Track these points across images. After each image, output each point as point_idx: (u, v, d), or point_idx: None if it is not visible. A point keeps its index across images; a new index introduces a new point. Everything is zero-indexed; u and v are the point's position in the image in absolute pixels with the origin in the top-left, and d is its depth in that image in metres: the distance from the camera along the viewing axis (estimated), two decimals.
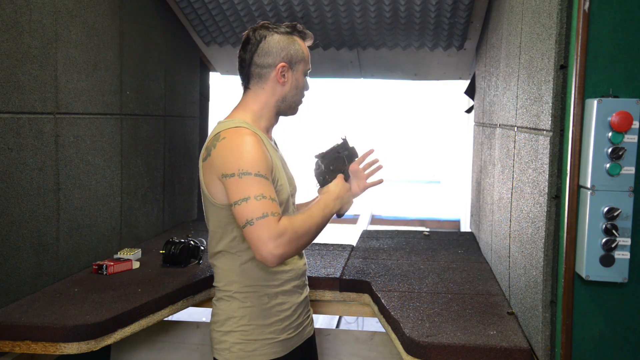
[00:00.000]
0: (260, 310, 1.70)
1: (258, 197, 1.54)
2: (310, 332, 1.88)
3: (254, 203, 1.53)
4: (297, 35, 1.74)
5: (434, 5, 2.90)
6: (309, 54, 1.78)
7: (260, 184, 1.56)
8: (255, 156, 1.58)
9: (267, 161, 1.61)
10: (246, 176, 1.56)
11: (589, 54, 1.44)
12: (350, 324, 5.26)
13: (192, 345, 2.71)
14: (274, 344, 1.71)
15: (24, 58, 2.00)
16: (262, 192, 1.55)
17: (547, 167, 1.56)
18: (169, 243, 2.47)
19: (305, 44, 1.77)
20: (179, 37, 3.30)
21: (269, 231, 1.51)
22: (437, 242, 3.06)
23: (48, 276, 2.17)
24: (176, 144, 3.28)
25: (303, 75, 1.77)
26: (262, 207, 1.53)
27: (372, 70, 3.70)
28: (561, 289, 1.52)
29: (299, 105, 1.80)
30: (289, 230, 1.54)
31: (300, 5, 3.01)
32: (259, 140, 1.63)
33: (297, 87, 1.75)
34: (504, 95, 2.31)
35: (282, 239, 1.52)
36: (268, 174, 1.60)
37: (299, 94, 1.77)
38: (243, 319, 1.70)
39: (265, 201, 1.54)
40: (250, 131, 1.65)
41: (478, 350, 1.68)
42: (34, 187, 2.07)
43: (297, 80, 1.74)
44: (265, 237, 1.51)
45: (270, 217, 1.53)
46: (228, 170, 1.58)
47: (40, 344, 1.78)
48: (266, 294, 1.71)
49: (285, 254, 1.54)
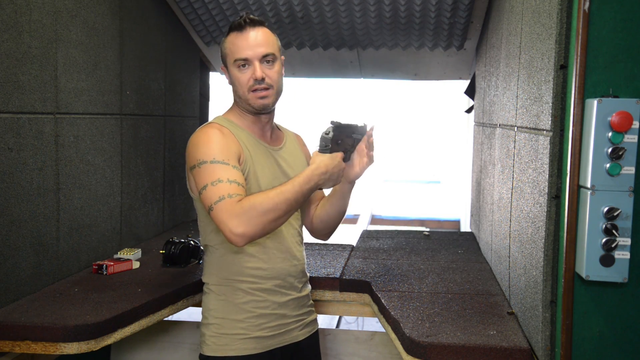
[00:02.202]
0: (234, 305, 1.72)
1: (214, 183, 1.57)
2: (299, 337, 1.83)
3: (211, 189, 1.56)
4: (231, 32, 1.73)
5: (434, 5, 2.90)
6: (239, 44, 1.69)
7: (217, 169, 1.59)
8: (212, 144, 1.63)
9: (228, 149, 1.64)
10: (204, 165, 1.61)
11: (589, 54, 1.44)
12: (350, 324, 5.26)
13: (192, 345, 2.71)
14: (245, 340, 1.71)
15: (24, 58, 2.00)
16: (218, 176, 1.57)
17: (547, 167, 1.56)
18: (169, 243, 2.47)
19: (247, 31, 1.69)
20: (179, 37, 3.30)
21: (226, 212, 1.52)
22: (437, 242, 3.06)
23: (48, 276, 2.16)
24: (176, 144, 3.28)
25: (235, 68, 1.71)
26: (218, 191, 1.55)
27: (372, 70, 3.70)
28: (561, 289, 1.52)
29: (250, 100, 1.71)
30: (247, 208, 1.52)
31: (300, 5, 3.01)
32: (224, 132, 1.68)
33: (236, 81, 1.72)
34: (504, 95, 2.31)
35: (242, 218, 1.52)
36: (229, 160, 1.62)
37: (240, 88, 1.72)
38: (217, 312, 1.73)
39: (222, 185, 1.56)
40: (217, 125, 1.70)
41: (478, 350, 1.68)
42: (34, 187, 2.07)
43: (233, 76, 1.73)
44: (224, 218, 1.53)
45: (227, 199, 1.54)
46: (190, 163, 1.65)
47: (40, 344, 1.78)
48: (240, 289, 1.72)
49: (247, 232, 1.52)
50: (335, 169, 1.67)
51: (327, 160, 1.67)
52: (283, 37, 3.34)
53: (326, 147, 1.69)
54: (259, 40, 1.69)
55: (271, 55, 1.70)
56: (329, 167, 1.66)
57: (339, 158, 1.69)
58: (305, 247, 2.83)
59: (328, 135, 1.70)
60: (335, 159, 1.68)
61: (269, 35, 1.73)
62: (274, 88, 1.72)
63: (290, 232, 1.81)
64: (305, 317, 1.87)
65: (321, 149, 1.70)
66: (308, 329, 1.88)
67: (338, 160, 1.68)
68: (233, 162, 1.63)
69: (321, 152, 1.69)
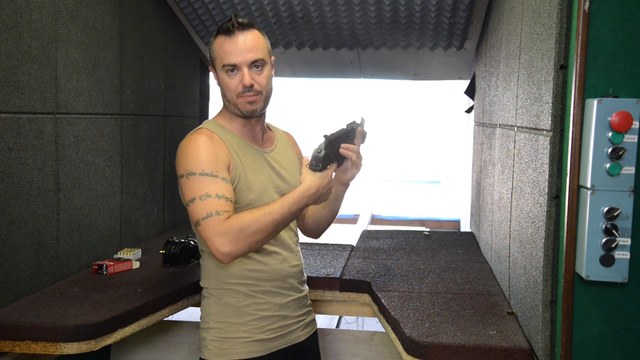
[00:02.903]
0: (235, 308, 1.71)
1: (203, 197, 1.56)
2: (300, 337, 1.83)
3: (199, 204, 1.55)
4: (219, 35, 1.68)
5: (434, 5, 2.90)
6: (228, 49, 1.65)
7: (205, 182, 1.57)
8: (201, 155, 1.60)
9: (216, 160, 1.61)
10: (192, 176, 1.59)
11: (589, 54, 1.44)
12: (350, 324, 5.26)
13: (192, 345, 2.71)
14: (248, 343, 1.70)
15: (24, 58, 2.00)
16: (207, 191, 1.56)
17: (547, 167, 1.56)
18: (169, 243, 2.47)
19: (236, 36, 1.65)
20: (179, 37, 3.31)
21: (213, 230, 1.53)
22: (437, 242, 3.06)
23: (48, 276, 2.17)
24: (176, 144, 3.24)
25: (223, 73, 1.68)
26: (205, 206, 1.55)
27: (372, 70, 3.70)
28: (561, 289, 1.52)
29: (239, 105, 1.69)
30: (234, 229, 1.53)
31: (300, 5, 3.01)
32: (213, 140, 1.65)
33: (224, 86, 1.70)
34: (504, 95, 2.31)
35: (227, 237, 1.52)
36: (219, 172, 1.60)
37: (228, 93, 1.70)
38: (218, 316, 1.72)
39: (210, 200, 1.55)
40: (207, 131, 1.67)
41: (478, 350, 1.68)
42: (34, 187, 2.07)
43: (220, 79, 1.71)
44: (211, 235, 1.53)
45: (214, 216, 1.53)
46: (179, 171, 1.63)
47: (40, 344, 1.78)
48: (241, 292, 1.71)
49: (233, 251, 1.53)
50: (325, 189, 1.65)
51: (318, 180, 1.63)
52: (283, 37, 3.34)
53: (317, 166, 1.64)
54: (248, 45, 1.65)
55: (260, 61, 1.68)
56: (320, 188, 1.63)
57: (329, 177, 1.66)
58: (305, 247, 2.86)
59: (320, 153, 1.63)
60: (326, 179, 1.65)
61: (259, 39, 1.69)
62: (263, 93, 1.71)
63: (288, 234, 1.81)
64: (305, 317, 1.87)
65: (312, 167, 1.64)
66: (309, 329, 1.88)
67: (328, 179, 1.66)
68: (222, 174, 1.60)
69: (312, 170, 1.64)
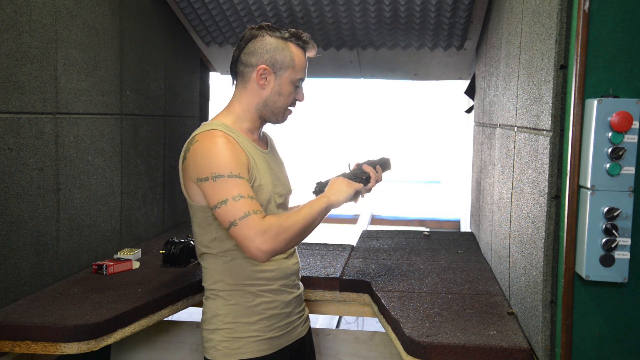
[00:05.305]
0: (245, 308, 1.71)
1: (236, 198, 1.55)
2: (302, 332, 1.86)
3: (233, 204, 1.55)
4: (294, 43, 1.71)
5: (434, 5, 2.90)
6: (304, 63, 1.73)
7: (235, 184, 1.57)
8: (227, 157, 1.59)
9: (239, 161, 1.61)
10: (220, 179, 1.57)
11: (589, 54, 1.44)
12: (350, 324, 5.26)
13: (192, 345, 2.71)
14: (259, 342, 1.72)
15: (24, 58, 2.00)
16: (239, 192, 1.56)
17: (547, 167, 1.56)
18: (169, 243, 2.47)
19: (307, 55, 1.74)
20: (179, 37, 3.30)
21: (253, 229, 1.52)
22: (437, 242, 3.06)
23: (48, 276, 2.17)
24: (176, 144, 3.28)
25: (290, 83, 1.72)
26: (242, 206, 1.54)
27: (372, 70, 3.70)
28: (561, 289, 1.52)
29: (282, 113, 1.75)
30: (275, 226, 1.54)
31: (300, 5, 3.01)
32: (231, 142, 1.64)
33: (279, 93, 1.71)
34: (504, 95, 2.31)
35: (269, 234, 1.53)
36: (243, 173, 1.60)
37: (280, 100, 1.72)
38: (227, 317, 1.72)
39: (244, 200, 1.55)
40: (223, 133, 1.65)
41: (478, 350, 1.68)
42: (34, 187, 2.07)
43: (281, 86, 1.71)
44: (252, 234, 1.52)
45: (252, 215, 1.54)
46: (202, 174, 1.59)
47: (40, 344, 1.78)
48: (250, 292, 1.72)
49: (274, 249, 1.55)
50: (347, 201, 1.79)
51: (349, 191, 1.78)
52: None
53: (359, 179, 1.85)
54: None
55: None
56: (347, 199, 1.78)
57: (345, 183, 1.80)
58: (305, 247, 2.86)
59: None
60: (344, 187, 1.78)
61: None
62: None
63: None
64: (303, 313, 1.90)
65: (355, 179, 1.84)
66: (307, 324, 1.92)
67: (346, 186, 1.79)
68: (246, 176, 1.62)
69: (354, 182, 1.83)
